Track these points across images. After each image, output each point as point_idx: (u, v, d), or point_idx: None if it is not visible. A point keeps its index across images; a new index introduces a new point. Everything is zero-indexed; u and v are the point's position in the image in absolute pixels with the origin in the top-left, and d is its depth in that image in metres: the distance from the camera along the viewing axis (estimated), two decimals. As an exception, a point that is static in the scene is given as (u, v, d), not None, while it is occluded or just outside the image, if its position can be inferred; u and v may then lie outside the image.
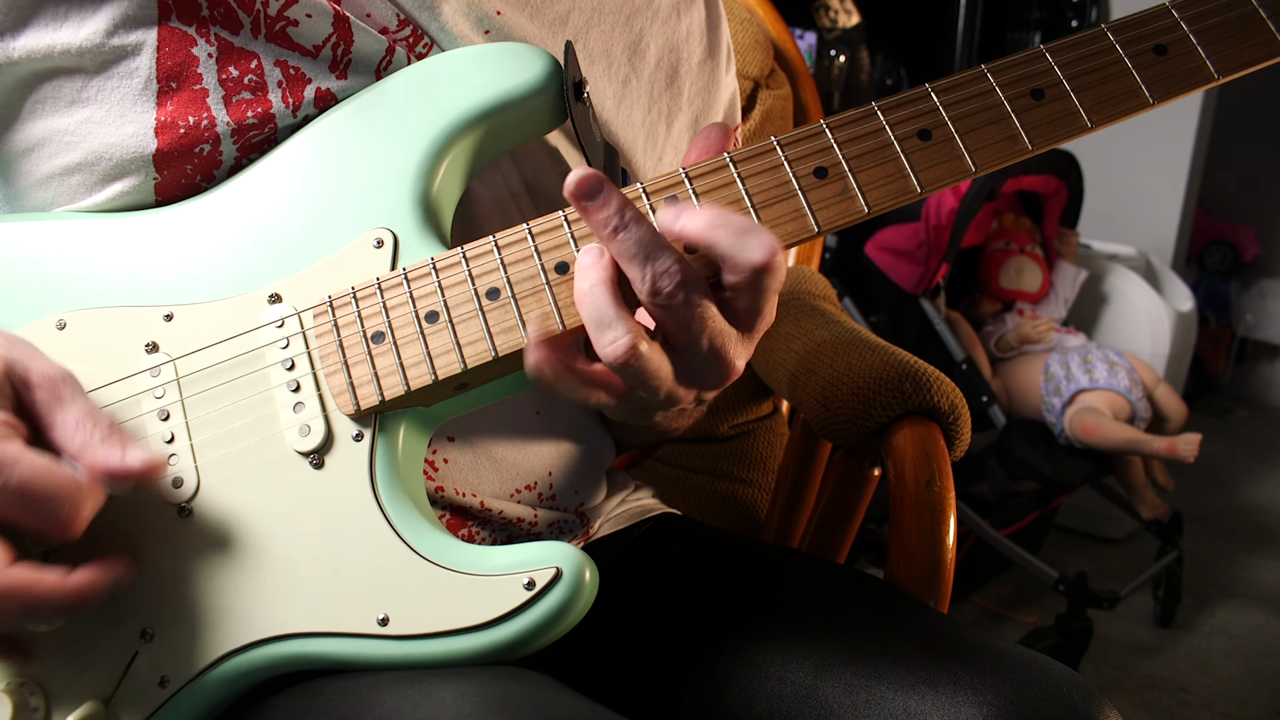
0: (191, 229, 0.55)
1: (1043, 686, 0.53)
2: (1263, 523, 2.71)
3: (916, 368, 0.81)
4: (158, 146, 0.54)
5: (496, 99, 0.54)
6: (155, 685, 0.48)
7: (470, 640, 0.48)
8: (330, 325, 0.52)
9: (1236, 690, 1.97)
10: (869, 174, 0.51)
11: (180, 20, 0.54)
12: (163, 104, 0.54)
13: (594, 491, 0.73)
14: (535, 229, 0.51)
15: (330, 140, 0.55)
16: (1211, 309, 3.56)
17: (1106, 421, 2.01)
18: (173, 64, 0.54)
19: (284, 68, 0.55)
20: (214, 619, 0.49)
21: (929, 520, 0.72)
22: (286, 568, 0.49)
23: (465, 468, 0.62)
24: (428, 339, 0.50)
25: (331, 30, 0.56)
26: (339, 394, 0.51)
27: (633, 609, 0.68)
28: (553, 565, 0.48)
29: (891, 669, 0.55)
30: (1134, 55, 0.52)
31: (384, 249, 0.53)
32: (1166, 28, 0.52)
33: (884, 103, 0.52)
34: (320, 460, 0.51)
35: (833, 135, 0.51)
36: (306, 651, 0.49)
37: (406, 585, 0.49)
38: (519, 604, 0.47)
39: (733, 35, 1.06)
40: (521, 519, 0.65)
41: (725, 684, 0.59)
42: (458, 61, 0.55)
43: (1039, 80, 0.52)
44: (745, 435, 1.10)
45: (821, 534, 0.90)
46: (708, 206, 0.48)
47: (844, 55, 2.28)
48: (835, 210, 0.51)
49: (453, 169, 0.55)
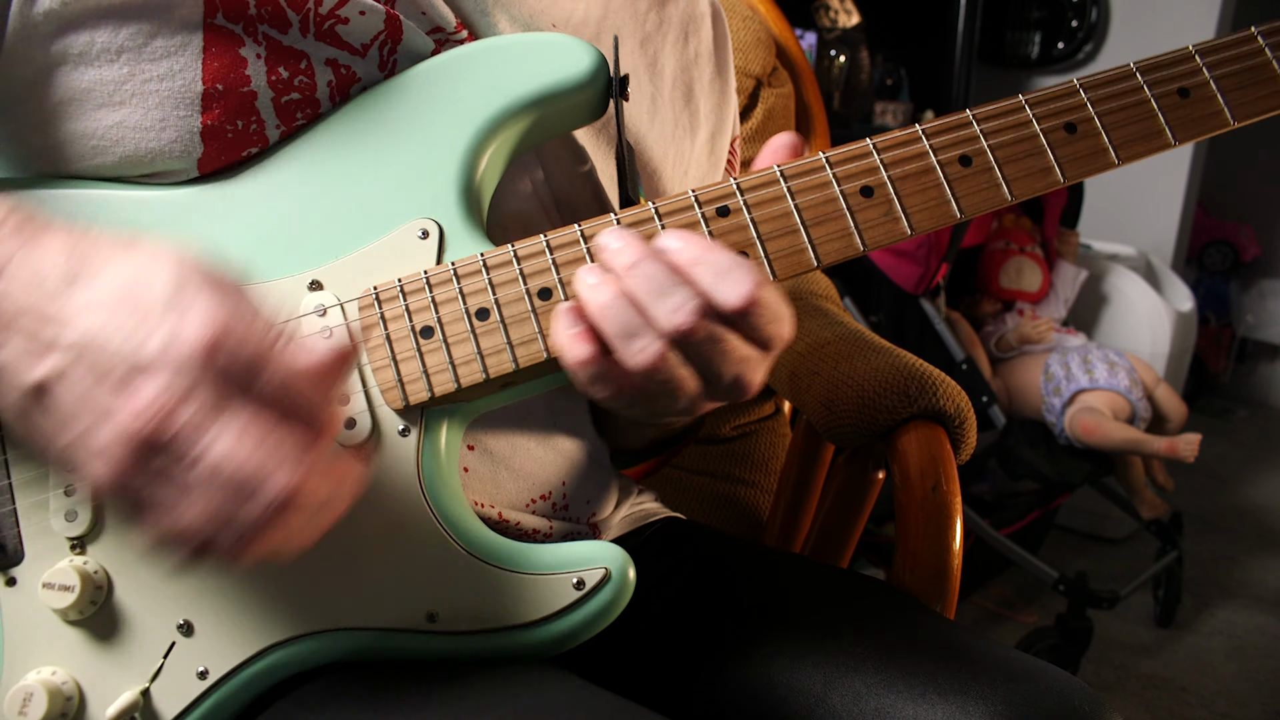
0: (227, 206, 0.53)
1: (1053, 697, 0.53)
2: (1263, 523, 2.71)
3: (922, 371, 0.81)
4: (205, 151, 0.52)
5: (546, 87, 0.53)
6: (194, 677, 0.48)
7: (518, 637, 0.48)
8: (376, 318, 0.50)
9: (1237, 690, 1.97)
10: (913, 198, 0.52)
11: (227, 19, 0.51)
12: (209, 108, 0.51)
13: (604, 501, 0.73)
14: (587, 230, 0.51)
15: (372, 122, 0.53)
16: (1211, 309, 3.56)
17: (1107, 421, 2.00)
18: (219, 65, 0.51)
19: (334, 67, 0.54)
20: (255, 612, 0.49)
21: (935, 524, 0.72)
22: (331, 562, 0.49)
23: (485, 477, 0.62)
24: (479, 337, 0.50)
25: (382, 26, 0.54)
26: (387, 389, 0.50)
27: (638, 616, 0.67)
28: (601, 565, 0.49)
29: (901, 678, 0.55)
30: (1160, 97, 0.54)
31: (429, 240, 0.52)
32: (1190, 71, 0.54)
33: (929, 126, 0.53)
34: (366, 454, 0.50)
35: (879, 155, 0.52)
36: (351, 645, 0.49)
37: (455, 582, 0.49)
38: (569, 603, 0.48)
39: (735, 33, 1.05)
40: (537, 530, 0.66)
41: (733, 692, 0.59)
42: (508, 46, 0.55)
43: (1073, 115, 0.54)
44: (747, 436, 1.09)
45: (825, 536, 0.89)
46: (694, 241, 0.46)
47: (844, 55, 2.28)
48: (881, 231, 0.52)
49: (496, 158, 0.55)
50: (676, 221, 0.51)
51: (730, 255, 0.46)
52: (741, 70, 1.05)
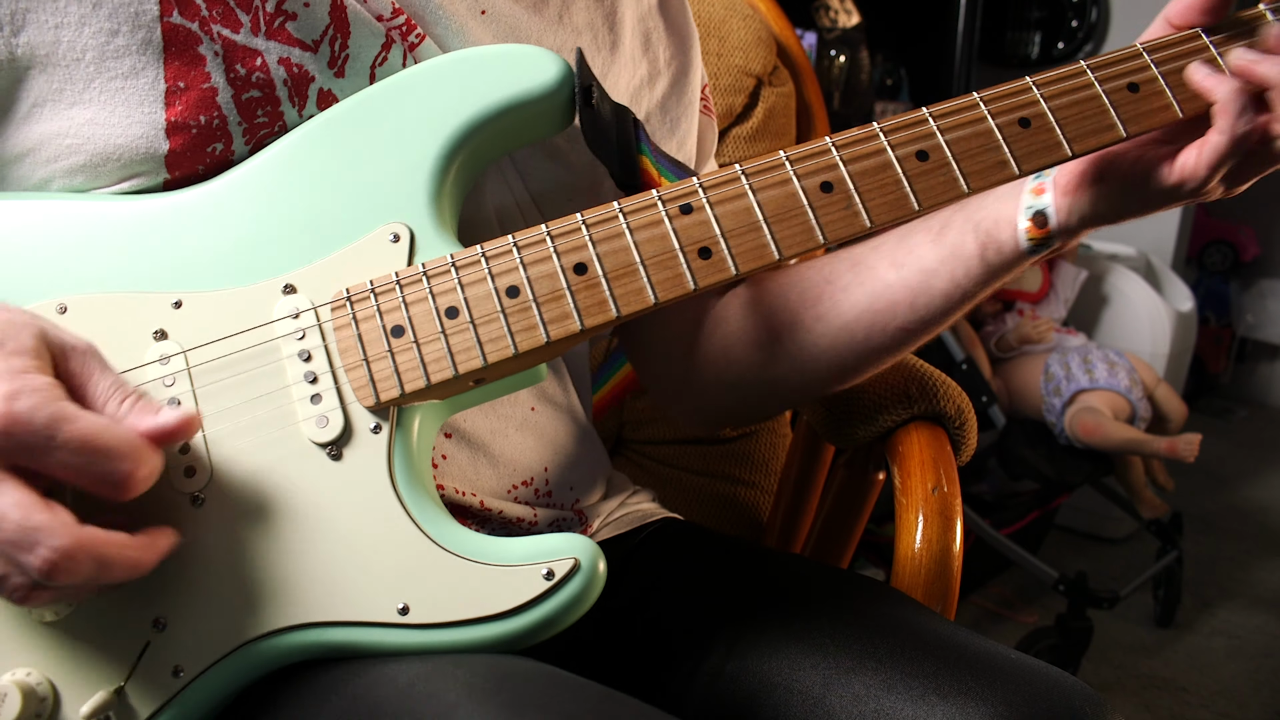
0: (200, 214, 0.54)
1: (1054, 698, 0.53)
2: (1263, 523, 2.71)
3: (922, 371, 0.81)
4: (170, 147, 0.54)
5: (512, 98, 0.55)
6: (169, 674, 0.49)
7: (489, 629, 0.49)
8: (349, 319, 0.52)
9: (1237, 690, 1.97)
10: (872, 193, 0.54)
11: (183, 16, 0.53)
12: (172, 104, 0.53)
13: (589, 489, 0.73)
14: (554, 230, 0.53)
15: (344, 130, 0.55)
16: (1211, 309, 3.56)
17: (1107, 421, 2.00)
18: (180, 63, 0.53)
19: (288, 65, 0.55)
20: (229, 608, 0.49)
21: (936, 526, 0.72)
22: (304, 558, 0.50)
23: (464, 464, 0.63)
24: (449, 335, 0.52)
25: (329, 19, 0.56)
26: (359, 387, 0.51)
27: (636, 617, 0.67)
28: (571, 556, 0.49)
29: (901, 679, 0.54)
30: (1111, 92, 0.56)
31: (400, 244, 0.53)
32: (1139, 68, 0.56)
33: (886, 124, 0.55)
34: (338, 452, 0.51)
35: (838, 152, 0.54)
36: (324, 640, 0.49)
37: (426, 575, 0.49)
38: (539, 594, 0.49)
39: (735, 32, 1.05)
40: (521, 519, 0.66)
41: (731, 694, 0.59)
42: (474, 60, 0.56)
43: (1026, 110, 0.56)
44: (747, 437, 1.09)
45: (825, 538, 0.89)
46: None
47: (844, 55, 2.27)
48: (841, 225, 0.54)
49: (466, 165, 0.56)
50: (640, 219, 0.53)
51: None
52: (742, 69, 1.05)
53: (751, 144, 1.06)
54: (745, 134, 1.06)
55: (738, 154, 1.05)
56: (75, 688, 0.48)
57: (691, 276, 0.53)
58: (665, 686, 0.62)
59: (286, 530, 0.50)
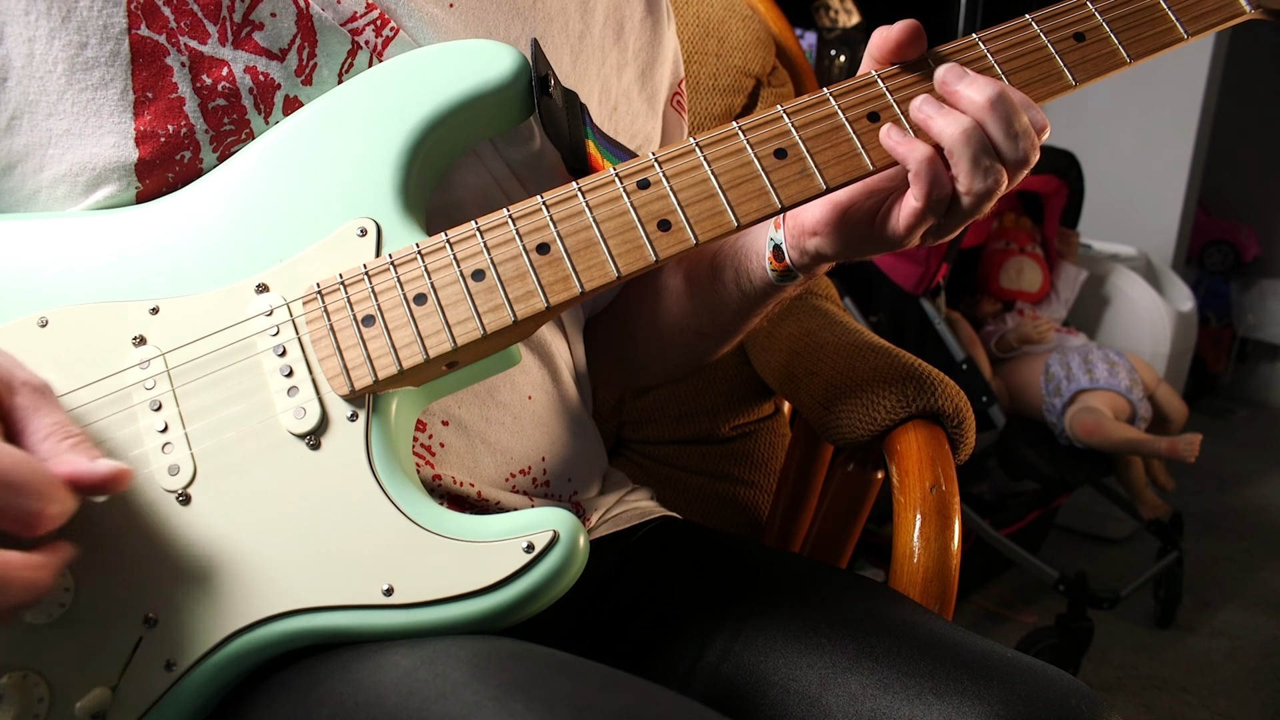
0: (173, 223, 0.56)
1: (1050, 697, 0.53)
2: (1263, 523, 2.71)
3: (920, 370, 0.81)
4: (140, 156, 0.55)
5: (469, 92, 0.56)
6: (161, 669, 0.49)
7: (474, 604, 0.49)
8: (320, 311, 0.53)
9: (1237, 691, 1.97)
10: (825, 154, 0.55)
11: (150, 28, 0.54)
12: (140, 114, 0.55)
13: (587, 481, 0.74)
14: (515, 213, 0.54)
15: (308, 133, 0.57)
16: (1212, 309, 3.56)
17: (1107, 421, 2.00)
18: (148, 74, 0.54)
19: (254, 74, 0.57)
20: (218, 600, 0.50)
21: (933, 524, 0.72)
22: (289, 546, 0.51)
23: (461, 451, 0.64)
24: (418, 320, 0.53)
25: (296, 29, 0.57)
26: (333, 376, 0.53)
27: (633, 615, 0.67)
28: (549, 529, 0.50)
29: (898, 678, 0.54)
30: (1057, 41, 0.58)
31: (368, 238, 0.55)
32: (1084, 17, 0.58)
33: (835, 88, 0.57)
34: (316, 441, 0.52)
35: (790, 119, 0.56)
36: (313, 626, 0.50)
37: (409, 556, 0.50)
38: (520, 567, 0.49)
39: (735, 33, 1.05)
40: (519, 509, 0.65)
41: (729, 694, 0.59)
42: (430, 57, 0.58)
43: (976, 65, 0.57)
44: (747, 436, 1.09)
45: (824, 537, 0.89)
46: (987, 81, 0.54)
47: (844, 55, 2.28)
48: (796, 188, 0.55)
49: (429, 159, 0.58)
50: (599, 197, 0.54)
51: None
52: (741, 70, 1.05)
53: (750, 144, 1.06)
54: (744, 134, 1.06)
55: (737, 154, 1.06)
56: (71, 687, 0.49)
57: (652, 248, 0.54)
58: (661, 684, 0.62)
59: (270, 521, 0.51)
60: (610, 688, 0.45)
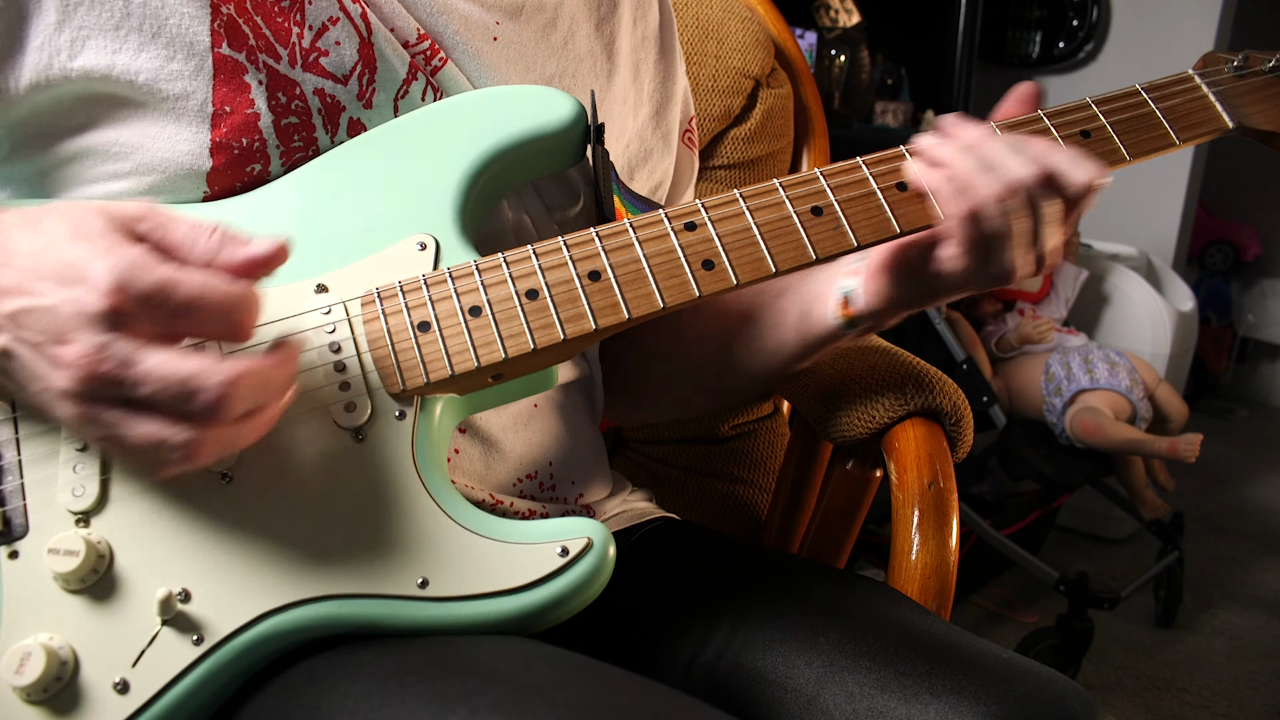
0: (238, 220, 0.58)
1: (1046, 698, 0.53)
2: (1264, 523, 2.71)
3: (919, 369, 0.81)
4: (213, 165, 0.57)
5: (533, 131, 0.61)
6: (190, 643, 0.50)
7: (507, 603, 0.51)
8: (377, 313, 0.55)
9: (1237, 691, 1.97)
10: (858, 216, 0.60)
11: (231, 47, 0.57)
12: (217, 125, 0.57)
13: (592, 484, 0.75)
14: (569, 241, 0.57)
15: (376, 151, 0.60)
16: (1212, 309, 3.56)
17: (1107, 421, 2.00)
18: (228, 89, 0.57)
19: (321, 95, 0.59)
20: (252, 580, 0.51)
21: (931, 521, 0.72)
22: (327, 533, 0.52)
23: (475, 458, 0.66)
24: (471, 330, 0.55)
25: (358, 56, 0.60)
26: (386, 375, 0.55)
27: (631, 614, 0.68)
28: (584, 536, 0.52)
29: (895, 678, 0.55)
30: (1066, 137, 0.64)
31: (427, 252, 0.57)
32: (1089, 118, 0.65)
33: (869, 159, 0.62)
34: (363, 435, 0.54)
35: (826, 181, 0.61)
36: (345, 613, 0.51)
37: (446, 551, 0.52)
38: (554, 569, 0.51)
39: (733, 34, 1.05)
40: (532, 512, 0.68)
41: (726, 691, 0.59)
42: (502, 96, 0.62)
43: None
44: (746, 435, 1.09)
45: (822, 536, 0.89)
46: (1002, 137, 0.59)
47: (844, 55, 2.28)
48: (830, 243, 0.60)
49: (488, 188, 0.61)
50: (648, 234, 0.58)
51: None
52: (740, 71, 1.05)
53: (750, 145, 1.06)
54: (743, 135, 1.06)
55: (736, 155, 1.06)
56: (97, 655, 0.50)
57: (696, 284, 0.57)
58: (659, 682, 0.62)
59: (311, 508, 0.52)
60: (626, 694, 0.46)
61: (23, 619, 0.50)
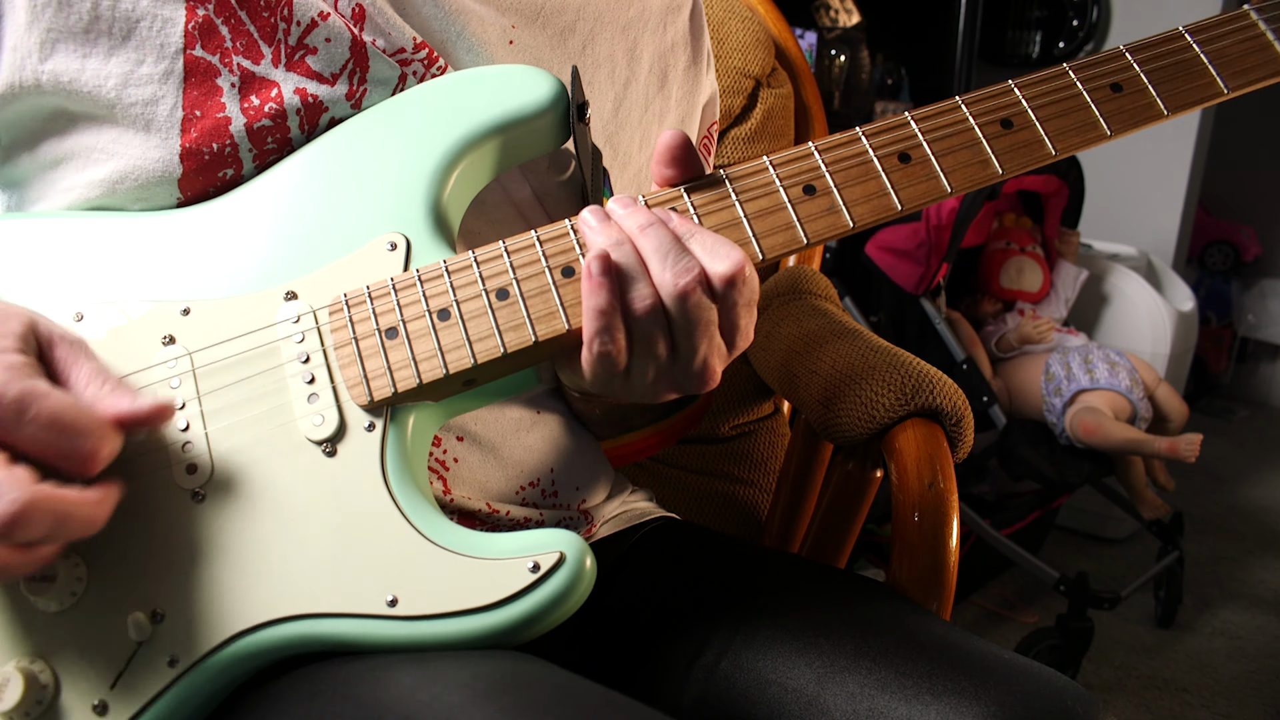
0: (209, 228, 0.57)
1: (1047, 698, 0.53)
2: (1264, 523, 2.71)
3: (919, 369, 0.81)
4: (184, 170, 0.56)
5: (507, 115, 0.57)
6: (164, 665, 0.49)
7: (477, 621, 0.49)
8: (345, 321, 0.54)
9: (1238, 691, 1.97)
10: (854, 191, 0.56)
11: (205, 50, 0.56)
12: (188, 131, 0.56)
13: (594, 489, 0.74)
14: (542, 235, 0.54)
15: (346, 148, 0.58)
16: (1213, 309, 3.56)
17: (1107, 421, 2.00)
18: (198, 94, 0.56)
19: (303, 95, 0.57)
20: (224, 600, 0.50)
21: (931, 522, 0.72)
22: (298, 551, 0.51)
23: (474, 466, 0.64)
24: (440, 335, 0.53)
25: (349, 54, 0.58)
26: (353, 386, 0.53)
27: (631, 614, 0.68)
28: (556, 550, 0.49)
29: (895, 678, 0.55)
30: (1093, 91, 0.57)
31: (397, 252, 0.55)
32: (1122, 68, 0.58)
33: (867, 128, 0.57)
34: (333, 449, 0.52)
35: (820, 156, 0.56)
36: (316, 632, 0.50)
37: (415, 568, 0.50)
38: (524, 586, 0.49)
39: (734, 34, 1.05)
40: (529, 519, 0.67)
41: (726, 692, 0.59)
42: (471, 79, 0.58)
43: (1008, 111, 0.57)
44: (746, 436, 1.09)
45: (823, 536, 0.89)
46: (687, 220, 0.52)
47: (844, 55, 2.28)
48: (823, 224, 0.55)
49: (463, 179, 0.58)
50: None
51: (718, 235, 0.52)
52: (740, 71, 1.05)
53: (750, 145, 1.06)
54: (744, 135, 1.06)
55: (736, 155, 1.06)
56: (75, 678, 0.49)
57: None
58: (660, 683, 0.62)
59: (281, 524, 0.51)
60: (607, 713, 0.45)
61: (3, 642, 0.50)
